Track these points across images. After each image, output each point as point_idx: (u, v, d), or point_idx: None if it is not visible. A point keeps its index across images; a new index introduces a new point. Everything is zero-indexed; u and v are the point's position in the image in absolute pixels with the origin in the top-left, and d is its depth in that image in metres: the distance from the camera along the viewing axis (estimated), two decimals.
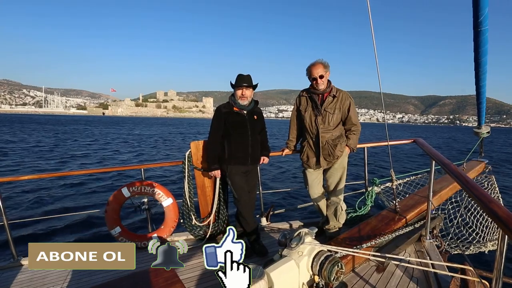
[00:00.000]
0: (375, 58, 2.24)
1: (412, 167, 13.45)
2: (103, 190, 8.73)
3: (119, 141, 26.31)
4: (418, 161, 16.45)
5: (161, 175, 10.68)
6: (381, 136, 46.77)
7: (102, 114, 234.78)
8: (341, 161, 2.72)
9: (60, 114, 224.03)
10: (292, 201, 7.49)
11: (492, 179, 3.54)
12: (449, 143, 37.36)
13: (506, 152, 25.76)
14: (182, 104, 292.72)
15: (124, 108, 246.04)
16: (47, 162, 13.54)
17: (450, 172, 1.71)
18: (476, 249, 3.05)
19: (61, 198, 7.79)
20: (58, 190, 8.47)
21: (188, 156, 2.92)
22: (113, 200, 2.88)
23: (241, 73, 2.56)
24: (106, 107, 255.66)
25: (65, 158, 14.91)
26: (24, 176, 3.13)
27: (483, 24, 2.53)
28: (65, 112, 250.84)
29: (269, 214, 3.43)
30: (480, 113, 3.45)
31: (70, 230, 5.51)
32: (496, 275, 1.23)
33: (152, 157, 17.13)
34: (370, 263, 2.30)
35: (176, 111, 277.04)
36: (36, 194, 7.97)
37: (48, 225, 5.63)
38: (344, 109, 2.64)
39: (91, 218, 6.01)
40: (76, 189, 8.64)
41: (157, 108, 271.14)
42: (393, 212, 2.78)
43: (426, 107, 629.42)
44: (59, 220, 5.82)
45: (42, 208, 6.91)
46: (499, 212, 1.11)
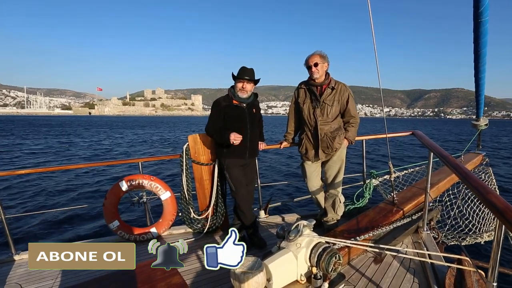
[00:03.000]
0: (375, 58, 2.24)
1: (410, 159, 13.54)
2: (101, 184, 8.73)
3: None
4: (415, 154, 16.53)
5: (159, 168, 10.69)
6: (370, 129, 47.47)
7: (88, 114, 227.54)
8: (339, 154, 2.72)
9: (44, 114, 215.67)
10: (291, 194, 7.53)
11: (489, 171, 3.56)
12: (433, 134, 38.74)
13: (494, 141, 26.99)
14: (171, 102, 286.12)
15: (111, 108, 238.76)
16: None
17: (448, 164, 1.71)
18: (472, 240, 3.08)
19: (59, 192, 7.79)
20: (56, 184, 8.46)
21: (186, 150, 2.91)
22: (111, 194, 2.87)
23: (245, 66, 2.54)
24: (93, 107, 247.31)
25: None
26: (21, 170, 3.10)
27: (483, 15, 2.52)
28: (49, 113, 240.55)
29: (268, 207, 3.44)
30: (478, 105, 3.45)
31: (68, 224, 5.52)
32: (492, 264, 1.24)
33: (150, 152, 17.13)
34: (367, 254, 2.32)
35: (164, 110, 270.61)
36: (34, 189, 7.97)
37: (46, 219, 5.64)
38: (342, 101, 2.63)
39: (89, 212, 6.02)
40: (74, 183, 8.65)
41: (145, 106, 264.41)
42: (391, 204, 2.80)
43: (412, 101, 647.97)
44: (57, 215, 5.83)
45: (40, 203, 6.92)
46: (497, 202, 1.12)
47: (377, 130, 42.98)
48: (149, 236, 2.93)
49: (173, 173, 9.91)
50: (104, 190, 7.71)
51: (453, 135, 39.03)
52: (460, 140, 29.25)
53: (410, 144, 20.94)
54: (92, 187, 8.33)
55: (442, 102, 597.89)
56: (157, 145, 21.53)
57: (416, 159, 14.45)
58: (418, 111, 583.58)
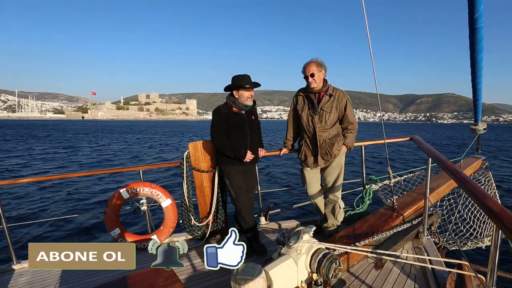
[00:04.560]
0: (372, 64, 2.27)
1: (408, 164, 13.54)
2: (102, 192, 8.73)
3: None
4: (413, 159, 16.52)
5: (160, 176, 10.69)
6: (366, 134, 47.66)
7: (81, 118, 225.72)
8: (338, 160, 2.73)
9: (35, 118, 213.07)
10: (291, 200, 7.51)
11: (489, 175, 3.56)
12: (430, 138, 39.34)
13: (487, 145, 28.16)
14: (165, 106, 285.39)
15: (105, 112, 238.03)
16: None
17: (446, 169, 1.72)
18: (473, 244, 3.07)
19: (60, 200, 7.79)
20: (57, 193, 8.46)
21: (187, 157, 2.93)
22: (112, 201, 2.89)
23: (243, 74, 2.52)
24: (86, 111, 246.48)
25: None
26: (24, 179, 3.12)
27: (478, 21, 2.55)
28: (41, 117, 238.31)
29: (268, 214, 3.45)
30: (476, 110, 3.47)
31: (69, 232, 5.52)
32: (490, 269, 1.25)
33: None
34: (368, 260, 2.32)
35: (159, 114, 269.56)
36: (35, 197, 7.97)
37: (47, 228, 5.64)
38: (340, 107, 2.65)
39: (90, 220, 6.02)
40: (75, 192, 8.64)
41: (139, 111, 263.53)
42: (391, 210, 2.80)
43: (405, 106, 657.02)
44: (58, 223, 5.83)
45: (41, 211, 6.91)
46: (494, 207, 1.12)
47: (374, 134, 43.05)
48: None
49: (174, 180, 9.91)
50: (106, 198, 7.71)
51: (448, 139, 39.42)
52: (456, 144, 29.68)
53: (406, 148, 20.98)
54: (94, 195, 8.33)
55: (434, 107, 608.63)
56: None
57: (414, 162, 14.50)
58: (410, 115, 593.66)
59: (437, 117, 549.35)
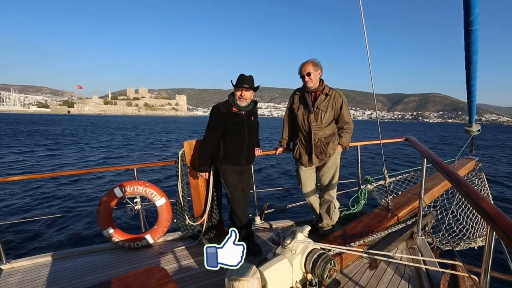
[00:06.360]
0: (369, 64, 2.26)
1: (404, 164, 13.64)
2: (95, 190, 8.64)
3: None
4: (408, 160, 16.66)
5: (154, 175, 10.62)
6: (358, 132, 48.03)
7: (67, 113, 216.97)
8: (333, 159, 2.74)
9: (18, 112, 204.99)
10: (286, 200, 7.52)
11: (482, 176, 3.60)
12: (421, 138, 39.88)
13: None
14: (154, 101, 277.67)
15: (92, 106, 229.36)
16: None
17: (440, 170, 1.73)
18: (466, 245, 3.10)
19: (52, 199, 7.68)
20: (49, 191, 8.35)
21: (181, 156, 2.90)
22: (105, 200, 2.85)
23: (243, 73, 2.53)
24: (72, 105, 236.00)
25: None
26: (14, 177, 3.06)
27: (473, 24, 2.57)
28: (24, 111, 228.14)
29: (263, 213, 3.44)
30: (470, 111, 3.50)
31: (61, 231, 5.44)
32: (484, 270, 1.25)
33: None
34: (362, 260, 2.32)
35: (148, 109, 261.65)
36: (27, 195, 7.85)
37: (38, 226, 5.55)
38: (336, 107, 2.66)
39: (83, 218, 5.95)
40: (68, 190, 8.54)
41: (127, 106, 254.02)
42: (386, 210, 2.81)
43: (393, 104, 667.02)
44: (50, 222, 5.75)
45: (33, 210, 6.81)
46: (488, 209, 1.13)
47: (365, 134, 43.40)
48: (144, 243, 2.90)
49: (168, 179, 9.85)
50: (99, 196, 7.63)
51: (438, 137, 40.02)
52: (446, 143, 30.10)
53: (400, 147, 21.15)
54: (86, 194, 8.23)
55: (420, 106, 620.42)
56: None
57: (408, 162, 14.59)
58: (398, 114, 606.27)
59: (424, 116, 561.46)
